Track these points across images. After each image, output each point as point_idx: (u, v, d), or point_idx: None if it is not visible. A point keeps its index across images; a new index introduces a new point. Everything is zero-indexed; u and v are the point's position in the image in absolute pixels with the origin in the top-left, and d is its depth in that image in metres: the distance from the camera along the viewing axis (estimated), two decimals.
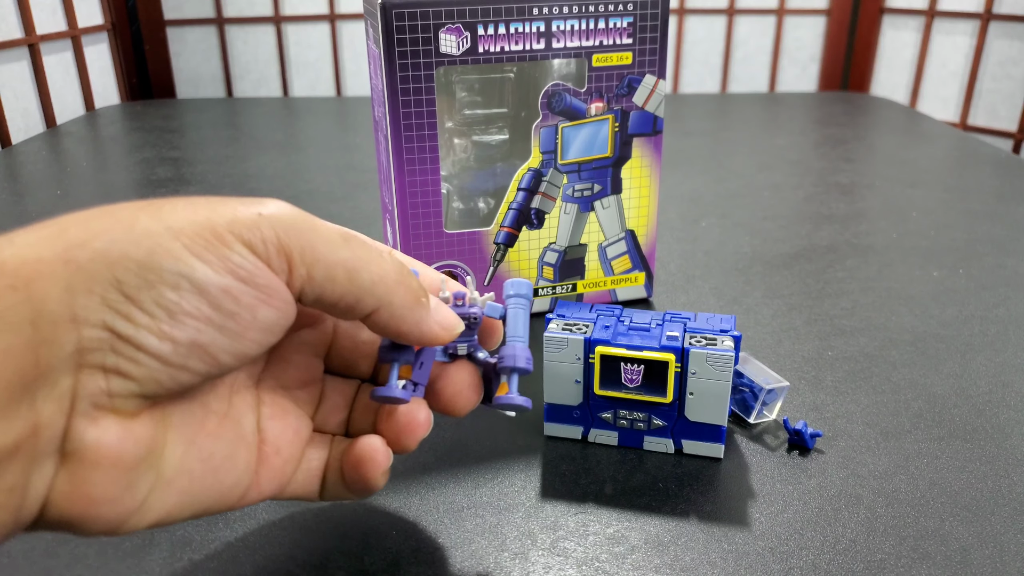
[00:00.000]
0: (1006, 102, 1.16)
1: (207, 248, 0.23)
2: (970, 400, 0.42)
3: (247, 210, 0.24)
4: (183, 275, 0.22)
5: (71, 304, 0.21)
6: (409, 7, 0.42)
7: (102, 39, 1.22)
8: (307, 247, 0.25)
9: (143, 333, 0.22)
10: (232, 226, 0.23)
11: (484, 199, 0.51)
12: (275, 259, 0.24)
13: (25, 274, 0.20)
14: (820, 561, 0.31)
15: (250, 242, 0.23)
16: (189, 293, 0.22)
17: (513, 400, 0.30)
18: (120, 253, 0.21)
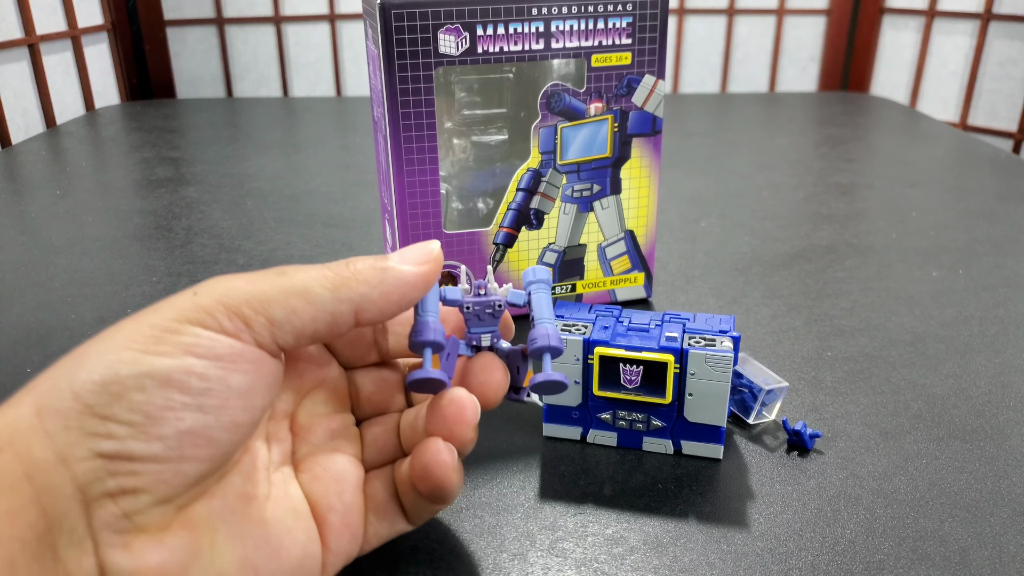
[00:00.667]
0: (1006, 102, 1.16)
1: (158, 343, 0.23)
2: (969, 401, 0.42)
3: (182, 297, 0.24)
4: (144, 375, 0.22)
5: (54, 447, 0.21)
6: (408, 7, 0.42)
7: (102, 39, 1.22)
8: (251, 297, 0.25)
9: (129, 443, 0.22)
10: (176, 315, 0.24)
11: (483, 199, 0.51)
12: (228, 323, 0.24)
13: (6, 437, 0.21)
14: (819, 562, 0.31)
15: (199, 320, 0.24)
16: (155, 389, 0.22)
17: (551, 376, 0.29)
18: (81, 383, 0.22)
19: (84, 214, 0.72)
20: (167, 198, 0.77)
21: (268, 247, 0.64)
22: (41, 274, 0.59)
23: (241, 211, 0.73)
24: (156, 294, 0.55)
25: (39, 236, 0.67)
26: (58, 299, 0.55)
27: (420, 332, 0.29)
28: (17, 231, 0.68)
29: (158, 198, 0.77)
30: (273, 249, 0.63)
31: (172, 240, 0.66)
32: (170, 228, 0.69)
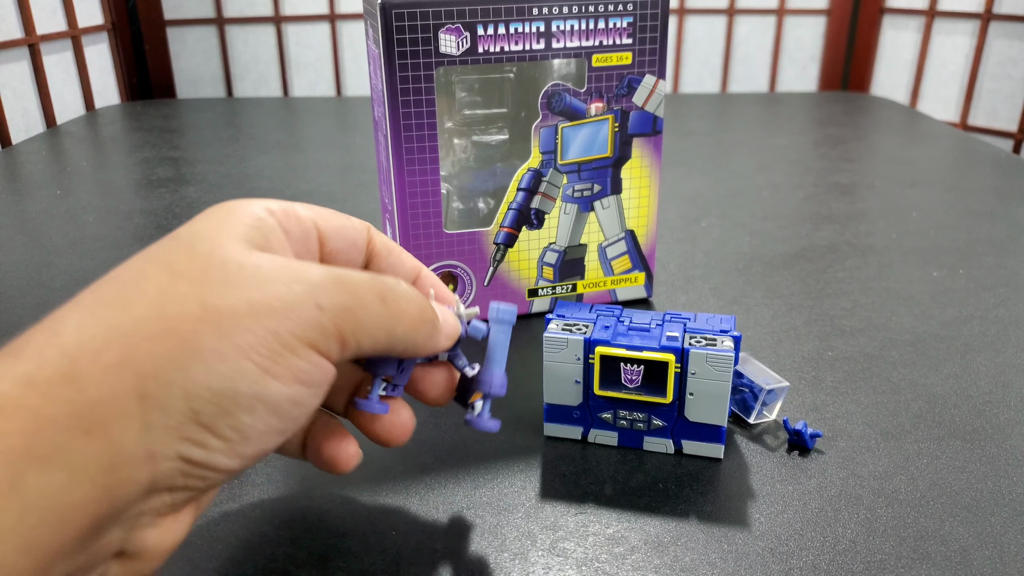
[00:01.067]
0: (1006, 102, 1.16)
1: (276, 361, 0.23)
2: (970, 400, 0.42)
3: (304, 307, 0.23)
4: (258, 397, 0.22)
5: (148, 443, 0.21)
6: (409, 7, 0.42)
7: (102, 39, 1.22)
8: (358, 325, 0.25)
9: (216, 456, 0.22)
10: (295, 330, 0.23)
11: (484, 199, 0.51)
12: (334, 348, 0.24)
13: (100, 416, 0.20)
14: (820, 561, 0.31)
15: (313, 341, 0.24)
16: (264, 413, 0.23)
17: (483, 425, 0.31)
18: (196, 383, 0.21)
19: (84, 214, 0.72)
20: (167, 198, 0.77)
21: None
22: (42, 274, 0.59)
23: None
24: None
25: (39, 236, 0.67)
26: (59, 299, 0.55)
27: (374, 362, 0.30)
28: (17, 231, 0.68)
29: (158, 198, 0.77)
30: None
31: None
32: (170, 228, 0.69)
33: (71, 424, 0.20)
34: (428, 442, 0.39)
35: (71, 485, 0.20)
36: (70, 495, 0.20)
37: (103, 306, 0.22)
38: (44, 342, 0.21)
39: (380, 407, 0.30)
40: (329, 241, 0.29)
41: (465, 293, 0.50)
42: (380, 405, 0.30)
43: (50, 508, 0.19)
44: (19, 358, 0.21)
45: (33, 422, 0.20)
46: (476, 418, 0.31)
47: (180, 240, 0.24)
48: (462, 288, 0.49)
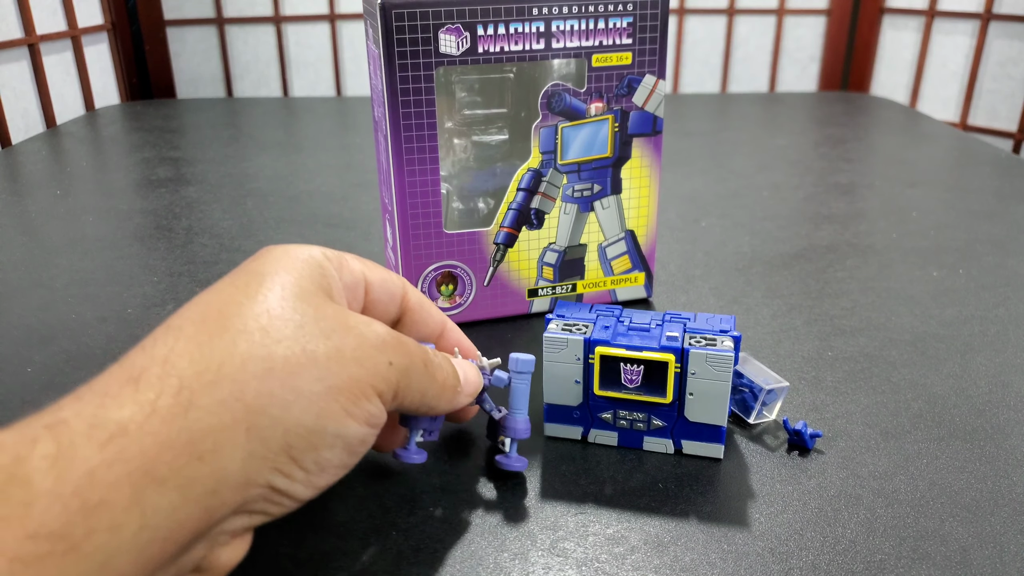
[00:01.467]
0: (1006, 102, 1.16)
1: (356, 404, 0.26)
2: (970, 400, 0.42)
3: (380, 360, 0.27)
4: (340, 435, 0.26)
5: (247, 470, 0.24)
6: (409, 7, 0.42)
7: (102, 39, 1.22)
8: (408, 385, 0.29)
9: (297, 486, 0.25)
10: (372, 380, 0.27)
11: (484, 199, 0.51)
12: (389, 399, 0.28)
13: (212, 444, 0.23)
14: (820, 561, 0.31)
15: (382, 392, 0.27)
16: (340, 449, 0.26)
17: (511, 465, 0.35)
18: (294, 421, 0.24)
19: (84, 214, 0.72)
20: (167, 198, 0.77)
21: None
22: (42, 274, 0.59)
23: (241, 211, 0.73)
24: (157, 294, 0.55)
25: (39, 236, 0.67)
26: (59, 299, 0.55)
27: (411, 418, 0.34)
28: (18, 231, 0.68)
29: (158, 198, 0.77)
30: None
31: (173, 240, 0.66)
32: (170, 228, 0.69)
33: (186, 450, 0.22)
34: (428, 442, 0.39)
35: (181, 505, 0.22)
36: (179, 513, 0.22)
37: (209, 338, 0.25)
38: (161, 371, 0.23)
39: (419, 456, 0.34)
40: (372, 291, 0.32)
41: (465, 293, 0.50)
42: (418, 454, 0.34)
43: (162, 525, 0.22)
44: (139, 386, 0.23)
45: (155, 447, 0.22)
46: (505, 459, 0.35)
47: (264, 277, 0.27)
48: (462, 288, 0.49)
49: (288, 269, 0.28)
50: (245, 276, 0.27)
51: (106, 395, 0.23)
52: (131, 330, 0.50)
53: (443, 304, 0.49)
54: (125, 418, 0.22)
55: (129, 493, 0.21)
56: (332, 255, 0.30)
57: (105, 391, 0.23)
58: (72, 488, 0.20)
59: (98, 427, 0.21)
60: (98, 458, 0.21)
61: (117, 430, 0.22)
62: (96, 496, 0.20)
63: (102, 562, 0.20)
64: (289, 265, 0.28)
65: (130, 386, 0.23)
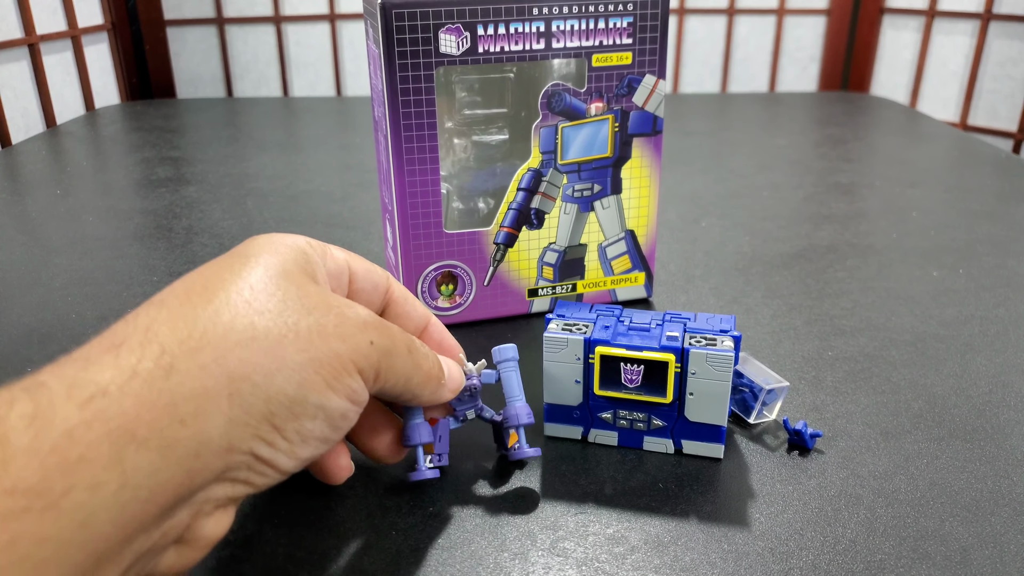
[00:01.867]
0: (1006, 102, 1.16)
1: (337, 378, 0.26)
2: (970, 400, 0.42)
3: (361, 339, 0.27)
4: (321, 407, 0.26)
5: (230, 436, 0.24)
6: (409, 7, 0.42)
7: (102, 39, 1.22)
8: (390, 367, 0.29)
9: (279, 455, 0.26)
10: (353, 356, 0.27)
11: (484, 199, 0.51)
12: (371, 378, 0.28)
13: (194, 408, 0.23)
14: (820, 561, 0.31)
15: (363, 370, 0.28)
16: (321, 421, 0.26)
17: (524, 453, 0.35)
18: (276, 389, 0.25)
19: (84, 214, 0.72)
20: (167, 198, 0.77)
21: None
22: (42, 274, 0.59)
23: (241, 211, 0.73)
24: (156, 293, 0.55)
25: (40, 236, 0.67)
26: (59, 298, 0.55)
27: (411, 438, 0.34)
28: (18, 231, 0.68)
29: (158, 198, 0.77)
30: None
31: (173, 240, 0.66)
32: (170, 228, 0.69)
33: (167, 412, 0.22)
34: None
35: (162, 466, 0.22)
36: (161, 474, 0.22)
37: (192, 309, 0.25)
38: (143, 338, 0.24)
39: (431, 473, 0.34)
40: (356, 281, 0.33)
41: (465, 293, 0.50)
42: (431, 471, 0.34)
43: (143, 485, 0.22)
44: (120, 352, 0.23)
45: (135, 407, 0.22)
46: (517, 450, 0.35)
47: (249, 258, 0.28)
48: (462, 288, 0.49)
49: (272, 252, 0.28)
50: (230, 258, 0.28)
51: (87, 360, 0.23)
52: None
53: (443, 304, 0.50)
54: (105, 380, 0.22)
55: (109, 451, 0.21)
56: (316, 244, 0.31)
57: (86, 357, 0.23)
58: (50, 446, 0.20)
59: (78, 388, 0.22)
60: (77, 417, 0.21)
61: (97, 391, 0.22)
62: (75, 453, 0.20)
63: (82, 520, 0.20)
64: (274, 249, 0.28)
65: (111, 352, 0.23)
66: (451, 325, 0.50)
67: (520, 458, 0.36)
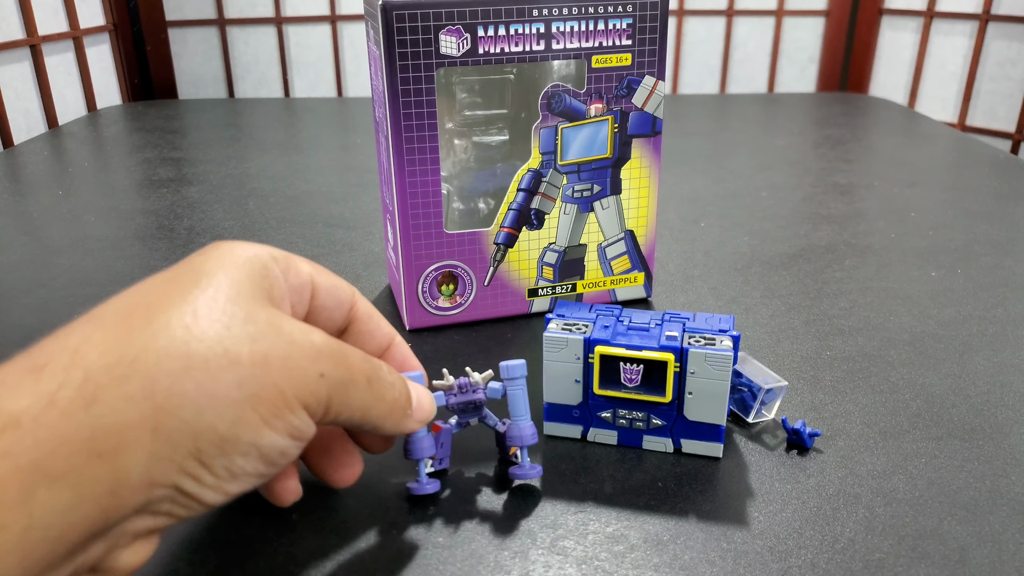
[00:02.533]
0: (1005, 103, 1.16)
1: (276, 415, 0.25)
2: (968, 400, 0.42)
3: (310, 371, 0.26)
4: (253, 445, 0.24)
5: (151, 472, 0.22)
6: (409, 8, 0.42)
7: (104, 40, 1.22)
8: (344, 401, 0.27)
9: (205, 491, 0.24)
10: (297, 391, 0.25)
11: (484, 199, 0.51)
12: (319, 412, 0.27)
13: (114, 442, 0.21)
14: (819, 560, 0.31)
15: (308, 404, 0.26)
16: (255, 458, 0.25)
17: (527, 475, 0.35)
18: (206, 425, 0.23)
19: (86, 214, 0.72)
20: (169, 198, 0.77)
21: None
22: (43, 274, 0.59)
23: (243, 211, 0.73)
24: None
25: (41, 236, 0.67)
26: (60, 299, 0.55)
27: (414, 451, 0.34)
28: (19, 231, 0.68)
29: (160, 198, 0.77)
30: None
31: (174, 240, 0.66)
32: (172, 228, 0.69)
33: (85, 447, 0.21)
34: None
35: (76, 504, 0.21)
36: (73, 513, 0.21)
37: (127, 331, 0.23)
38: (68, 362, 0.22)
39: (431, 486, 0.34)
40: (319, 296, 0.31)
41: (465, 293, 0.50)
42: (431, 484, 0.34)
43: (53, 525, 0.20)
44: (42, 376, 0.22)
45: (49, 441, 0.21)
46: (519, 469, 0.35)
47: (201, 275, 0.26)
48: (462, 288, 0.50)
49: (227, 269, 0.26)
50: (182, 272, 0.26)
51: (3, 385, 0.21)
52: None
53: (443, 304, 0.50)
54: (19, 409, 0.21)
55: (17, 491, 0.20)
56: (280, 256, 0.29)
57: (3, 381, 0.22)
58: None
59: None
60: None
61: (9, 422, 0.20)
62: None
63: None
64: (230, 265, 0.27)
65: (31, 376, 0.22)
66: (451, 325, 0.51)
67: (521, 479, 0.35)
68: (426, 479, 0.34)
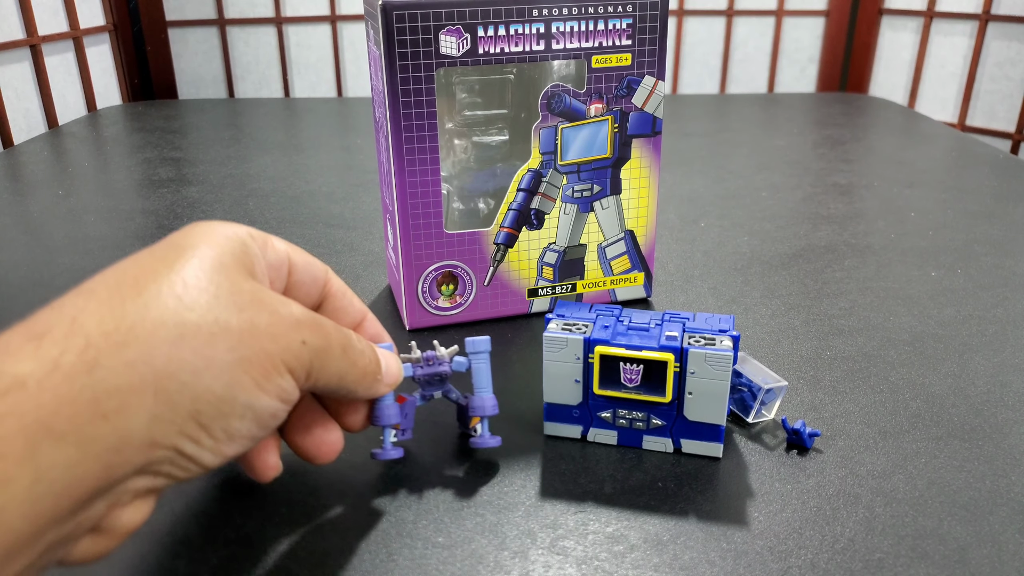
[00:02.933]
0: (1004, 103, 1.16)
1: (267, 379, 0.26)
2: (968, 400, 0.42)
3: (293, 337, 0.27)
4: (250, 407, 0.26)
5: (152, 432, 0.23)
6: (409, 8, 0.42)
7: (104, 40, 1.22)
8: (323, 367, 0.29)
9: (204, 452, 0.25)
10: (284, 356, 0.27)
11: (484, 200, 0.51)
12: (302, 377, 0.28)
13: (116, 404, 0.23)
14: (819, 560, 0.31)
15: (294, 369, 0.27)
16: (250, 420, 0.26)
17: (485, 443, 0.36)
18: (204, 388, 0.24)
19: (86, 214, 0.72)
20: (169, 198, 0.77)
21: None
22: (43, 274, 0.59)
23: (243, 211, 0.73)
24: None
25: (41, 236, 0.67)
26: None
27: (380, 417, 0.35)
28: (19, 231, 0.68)
29: (160, 198, 0.77)
30: None
31: None
32: (172, 228, 0.69)
33: (88, 408, 0.22)
34: (429, 442, 0.39)
35: (80, 461, 0.22)
36: (77, 469, 0.22)
37: (121, 302, 0.24)
38: (68, 330, 0.23)
39: (395, 452, 0.35)
40: (295, 272, 0.32)
41: (465, 293, 0.50)
42: (395, 450, 0.35)
43: (58, 480, 0.21)
44: (43, 343, 0.23)
45: (54, 402, 0.22)
46: (479, 439, 0.36)
47: (185, 249, 0.27)
48: (462, 288, 0.50)
49: (210, 243, 0.27)
50: (165, 248, 0.27)
51: (6, 350, 0.22)
52: None
53: (443, 304, 0.50)
54: (24, 373, 0.22)
55: (23, 446, 0.21)
56: (257, 235, 0.30)
57: (6, 347, 0.23)
58: None
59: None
60: None
61: (14, 383, 0.21)
62: None
63: None
64: (212, 240, 0.28)
65: (32, 343, 0.23)
66: (451, 325, 0.51)
67: (481, 447, 0.37)
68: (390, 446, 0.35)
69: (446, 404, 0.42)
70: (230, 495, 0.35)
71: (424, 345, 0.46)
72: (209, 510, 0.34)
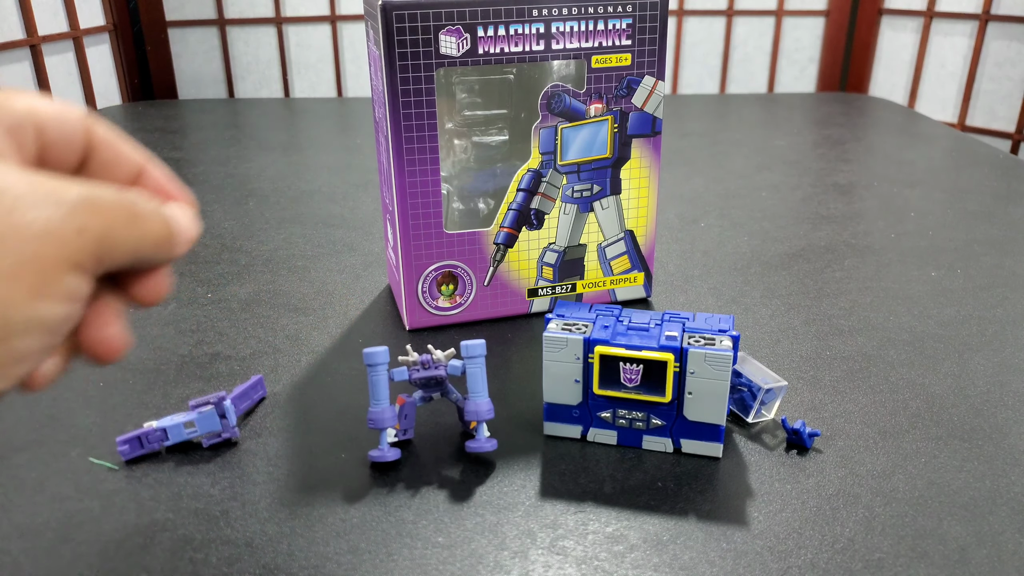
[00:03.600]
0: (1004, 103, 1.16)
1: (46, 284, 0.23)
2: (968, 400, 0.42)
3: (68, 231, 0.23)
4: (32, 321, 0.23)
5: None
6: (409, 9, 0.42)
7: (104, 40, 1.22)
8: (111, 247, 0.25)
9: None
10: (60, 253, 0.23)
11: (484, 200, 0.51)
12: (91, 267, 0.25)
13: None
14: (818, 560, 0.31)
15: (77, 262, 0.24)
16: (38, 334, 0.23)
17: (482, 447, 0.37)
18: None
19: None
20: None
21: (270, 247, 0.64)
22: None
23: (243, 211, 0.73)
24: None
25: None
26: None
27: (377, 422, 0.36)
28: None
29: None
30: (275, 249, 0.64)
31: None
32: None
33: None
34: (429, 442, 0.39)
35: None
36: None
37: None
38: None
39: (392, 453, 0.36)
40: (47, 132, 0.27)
41: (465, 293, 0.50)
42: (392, 452, 0.36)
43: None
44: None
45: None
46: (475, 443, 0.37)
47: None
48: (462, 288, 0.50)
49: None
50: None
51: None
52: (132, 329, 0.50)
53: (443, 304, 0.50)
54: None
55: None
56: None
57: None
58: None
59: None
60: None
61: None
62: None
63: None
64: None
65: None
66: (451, 325, 0.51)
67: (477, 452, 0.37)
68: (387, 447, 0.36)
69: (447, 404, 0.42)
70: (230, 495, 0.35)
71: (420, 349, 0.47)
72: (208, 511, 0.34)
